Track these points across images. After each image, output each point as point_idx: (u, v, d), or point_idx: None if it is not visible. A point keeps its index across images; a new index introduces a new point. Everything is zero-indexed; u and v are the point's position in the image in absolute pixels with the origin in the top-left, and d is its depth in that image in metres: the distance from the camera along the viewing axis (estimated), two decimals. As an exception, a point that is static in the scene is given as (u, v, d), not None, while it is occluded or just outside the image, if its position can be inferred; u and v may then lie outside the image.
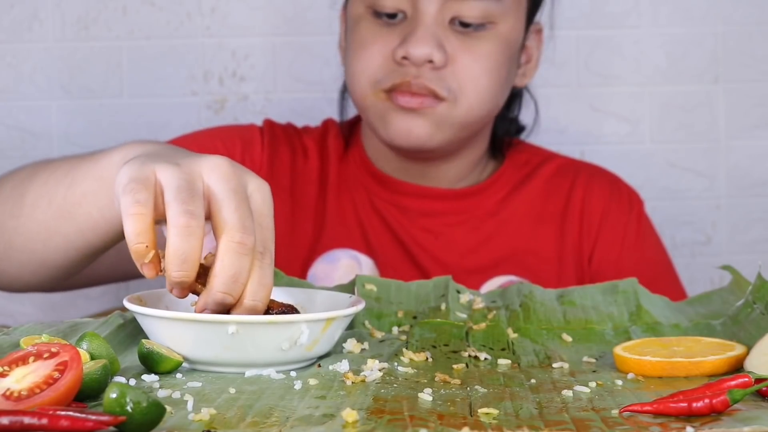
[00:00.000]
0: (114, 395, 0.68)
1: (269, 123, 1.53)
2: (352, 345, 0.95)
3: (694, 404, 0.74)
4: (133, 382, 0.83)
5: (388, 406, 0.77)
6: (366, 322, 1.05)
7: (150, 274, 0.87)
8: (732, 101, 1.84)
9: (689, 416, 0.74)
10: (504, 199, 1.49)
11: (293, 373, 0.87)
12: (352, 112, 1.54)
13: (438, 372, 0.87)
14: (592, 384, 0.84)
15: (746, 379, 0.78)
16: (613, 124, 1.85)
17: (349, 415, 0.73)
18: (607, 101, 1.84)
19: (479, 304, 1.10)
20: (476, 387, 0.83)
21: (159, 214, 0.87)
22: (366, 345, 0.96)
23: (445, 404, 0.78)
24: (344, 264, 1.43)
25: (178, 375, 0.86)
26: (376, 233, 1.46)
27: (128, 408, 0.68)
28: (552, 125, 1.79)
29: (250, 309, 0.87)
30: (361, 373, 0.85)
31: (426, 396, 0.80)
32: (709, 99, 1.84)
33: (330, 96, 1.71)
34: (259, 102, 1.82)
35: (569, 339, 1.02)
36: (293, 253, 1.43)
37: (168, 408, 0.73)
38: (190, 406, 0.76)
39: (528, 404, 0.78)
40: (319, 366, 0.89)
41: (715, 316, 1.07)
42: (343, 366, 0.87)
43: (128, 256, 0.86)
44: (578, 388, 0.83)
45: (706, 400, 0.74)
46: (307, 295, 0.99)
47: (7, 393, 0.72)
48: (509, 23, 1.39)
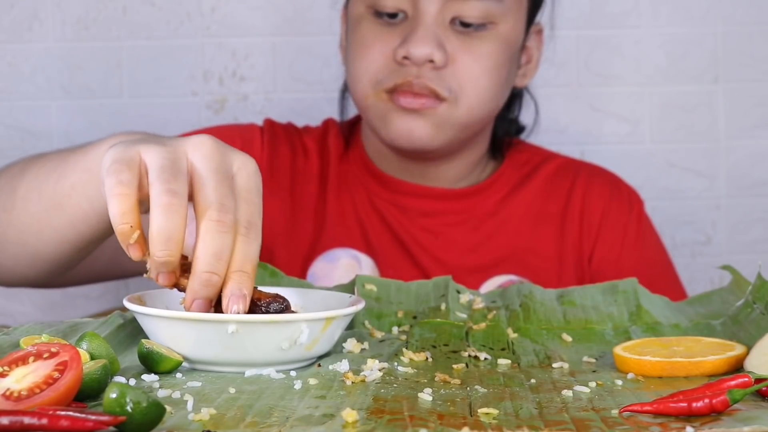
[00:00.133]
0: (114, 395, 0.68)
1: (269, 122, 1.53)
2: (352, 345, 0.94)
3: (694, 404, 0.74)
4: (133, 382, 0.83)
5: (388, 406, 0.77)
6: (366, 322, 1.05)
7: (136, 255, 0.86)
8: (732, 101, 1.84)
9: (689, 416, 0.74)
10: (504, 198, 1.49)
11: (293, 373, 0.87)
12: (352, 112, 1.54)
13: (438, 372, 0.87)
14: (592, 384, 0.84)
15: (746, 379, 0.78)
16: (613, 124, 1.85)
17: (349, 415, 0.73)
18: (607, 101, 1.84)
19: (479, 304, 1.10)
20: (476, 387, 0.83)
21: (144, 194, 0.87)
22: (366, 345, 0.96)
23: (445, 404, 0.78)
24: (344, 263, 1.43)
25: (178, 375, 0.86)
26: (376, 233, 1.46)
27: (128, 408, 0.68)
28: (552, 125, 1.79)
29: (237, 280, 0.86)
30: (361, 373, 0.85)
31: (426, 396, 0.80)
32: (709, 99, 1.84)
33: (330, 96, 1.71)
34: (259, 102, 1.82)
35: (569, 339, 1.02)
36: (293, 252, 1.43)
37: (168, 408, 0.73)
38: (190, 406, 0.76)
39: (528, 404, 0.78)
40: (319, 366, 0.89)
41: (715, 316, 1.07)
42: (343, 366, 0.87)
43: (125, 254, 0.86)
44: (578, 388, 0.83)
45: (706, 400, 0.74)
46: (307, 294, 0.99)
47: (7, 393, 0.72)
48: (510, 23, 1.40)
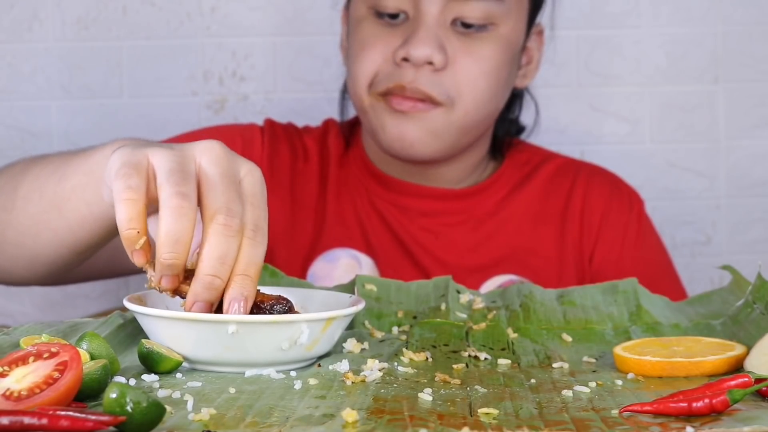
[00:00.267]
0: (114, 395, 0.68)
1: (270, 122, 1.53)
2: (352, 345, 0.94)
3: (694, 404, 0.74)
4: (133, 382, 0.83)
5: (388, 406, 0.77)
6: (366, 322, 1.05)
7: (140, 261, 0.86)
8: (732, 101, 1.84)
9: (689, 416, 0.74)
10: (504, 198, 1.49)
11: (293, 373, 0.87)
12: (352, 112, 1.54)
13: (438, 372, 0.87)
14: (592, 384, 0.84)
15: (746, 379, 0.78)
16: (613, 124, 1.85)
17: (349, 415, 0.73)
18: (607, 101, 1.84)
19: (479, 304, 1.10)
20: (476, 387, 0.83)
21: (151, 198, 0.87)
22: (366, 345, 0.96)
23: (445, 404, 0.78)
24: (344, 263, 1.43)
25: (178, 375, 0.86)
26: (376, 233, 1.46)
27: (128, 408, 0.68)
28: (552, 125, 1.79)
29: (240, 284, 0.86)
30: (361, 373, 0.85)
31: (426, 396, 0.80)
32: (709, 99, 1.84)
33: (330, 96, 1.71)
34: (259, 102, 1.82)
35: (569, 339, 1.02)
36: (293, 252, 1.43)
37: (168, 408, 0.73)
38: (190, 406, 0.76)
39: (528, 404, 0.78)
40: (319, 366, 0.89)
41: (715, 316, 1.07)
42: (343, 366, 0.87)
43: (123, 251, 0.86)
44: (578, 388, 0.83)
45: (706, 400, 0.74)
46: (307, 294, 0.99)
47: (7, 393, 0.72)
48: (510, 24, 1.39)
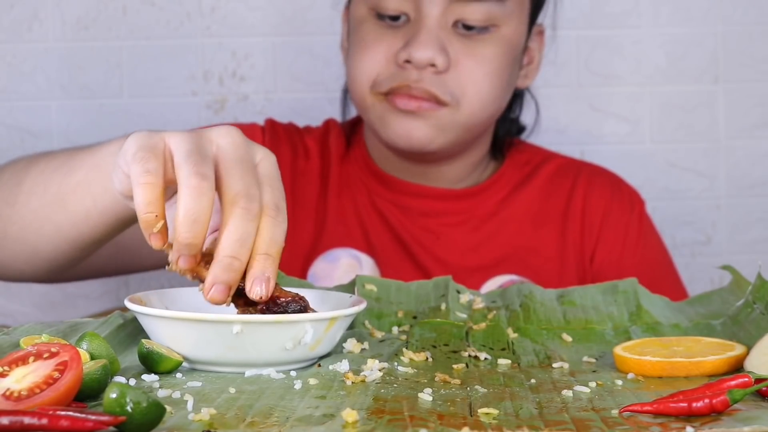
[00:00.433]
0: (114, 395, 0.68)
1: (271, 122, 1.53)
2: (352, 345, 0.94)
3: (694, 404, 0.74)
4: (133, 382, 0.83)
5: (388, 406, 0.77)
6: (366, 322, 1.05)
7: (157, 244, 0.86)
8: (732, 101, 1.84)
9: (689, 416, 0.74)
10: (505, 198, 1.49)
11: (293, 373, 0.87)
12: (353, 112, 1.54)
13: (438, 372, 0.87)
14: (592, 384, 0.84)
15: (746, 379, 0.78)
16: (613, 124, 1.85)
17: (349, 415, 0.73)
18: (607, 101, 1.84)
19: (479, 304, 1.10)
20: (476, 387, 0.83)
21: (168, 180, 0.87)
22: (366, 345, 0.96)
23: (445, 404, 0.78)
24: (345, 263, 1.43)
25: (178, 375, 0.86)
26: (377, 232, 1.46)
27: (128, 408, 0.68)
28: (552, 125, 1.79)
29: (262, 262, 0.86)
30: (361, 373, 0.85)
31: (426, 396, 0.80)
32: (709, 99, 1.84)
33: (330, 96, 1.71)
34: (259, 102, 1.82)
35: (569, 339, 1.02)
36: (294, 252, 1.43)
37: (168, 408, 0.73)
38: (190, 406, 0.76)
39: (528, 404, 0.78)
40: (319, 366, 0.89)
41: (715, 316, 1.07)
42: (343, 366, 0.87)
43: (126, 248, 0.86)
44: (578, 388, 0.83)
45: (706, 400, 0.74)
46: (306, 294, 0.99)
47: (7, 393, 0.72)
48: (512, 26, 1.39)
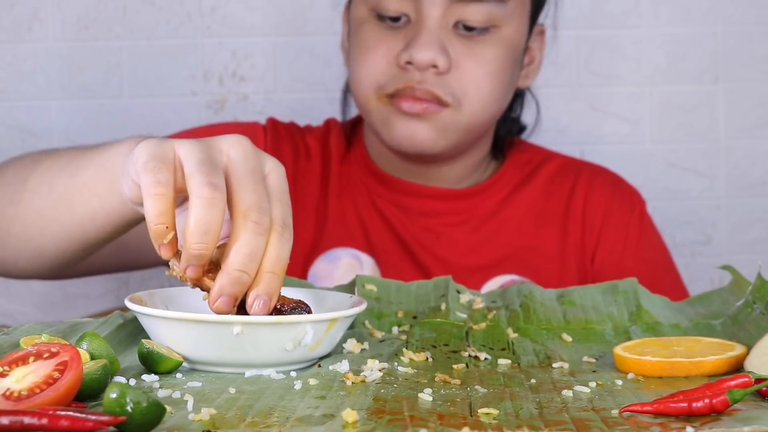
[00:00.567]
0: (114, 395, 0.68)
1: (272, 122, 1.53)
2: (352, 345, 0.94)
3: (694, 404, 0.74)
4: (133, 382, 0.83)
5: (388, 406, 0.77)
6: (366, 322, 1.05)
7: (167, 254, 0.87)
8: (732, 101, 1.84)
9: (689, 416, 0.74)
10: (505, 198, 1.49)
11: (293, 374, 0.87)
12: (353, 112, 1.54)
13: (438, 372, 0.87)
14: (592, 384, 0.84)
15: (746, 379, 0.78)
16: (613, 124, 1.85)
17: (349, 415, 0.73)
18: (607, 101, 1.84)
19: (479, 304, 1.10)
20: (476, 387, 0.83)
21: (178, 189, 0.87)
22: (366, 345, 0.96)
23: (445, 404, 0.78)
24: (345, 263, 1.43)
25: (178, 375, 0.86)
26: (378, 232, 1.46)
27: (128, 408, 0.68)
28: (552, 125, 1.79)
29: (267, 282, 0.86)
30: (361, 373, 0.85)
31: (426, 396, 0.80)
32: (709, 99, 1.84)
33: (331, 96, 1.71)
34: (259, 102, 1.82)
35: (569, 339, 1.02)
36: (294, 252, 1.42)
37: (168, 408, 0.73)
38: (190, 406, 0.76)
39: (528, 404, 0.78)
40: (320, 366, 0.89)
41: (715, 316, 1.07)
42: (343, 366, 0.87)
43: (128, 246, 0.86)
44: (578, 388, 0.83)
45: (706, 400, 0.74)
46: (306, 295, 0.99)
47: (7, 393, 0.72)
48: (513, 26, 1.39)
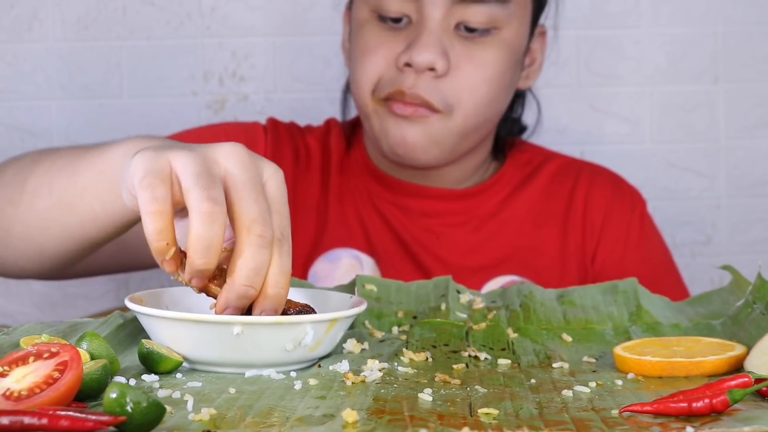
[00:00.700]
0: (114, 395, 0.68)
1: (273, 122, 1.52)
2: (352, 345, 0.94)
3: (694, 404, 0.74)
4: (133, 382, 0.83)
5: (388, 406, 0.77)
6: (366, 322, 1.05)
7: (171, 269, 0.87)
8: (732, 101, 1.84)
9: (689, 416, 0.74)
10: (506, 199, 1.49)
11: (293, 374, 0.87)
12: (354, 112, 1.54)
13: (438, 372, 0.87)
14: (592, 384, 0.84)
15: (746, 379, 0.78)
16: (614, 124, 1.85)
17: (349, 415, 0.73)
18: (607, 101, 1.84)
19: (479, 304, 1.10)
20: (476, 387, 0.83)
21: (175, 203, 0.87)
22: (366, 345, 0.96)
23: (445, 404, 0.78)
24: (345, 263, 1.43)
25: (178, 375, 0.86)
26: (378, 233, 1.46)
27: (128, 408, 0.68)
28: (552, 125, 1.79)
29: (273, 298, 0.87)
30: (361, 374, 0.85)
31: (426, 396, 0.80)
32: (709, 99, 1.84)
33: (331, 96, 1.71)
34: (259, 102, 1.82)
35: (569, 339, 1.02)
36: (295, 252, 1.43)
37: (168, 408, 0.73)
38: (190, 406, 0.76)
39: (528, 404, 0.78)
40: (320, 366, 0.89)
41: (715, 316, 1.07)
42: (343, 366, 0.87)
43: (127, 247, 0.86)
44: (578, 388, 0.83)
45: (706, 400, 0.74)
46: (306, 295, 0.99)
47: (7, 393, 0.72)
48: (514, 28, 1.39)
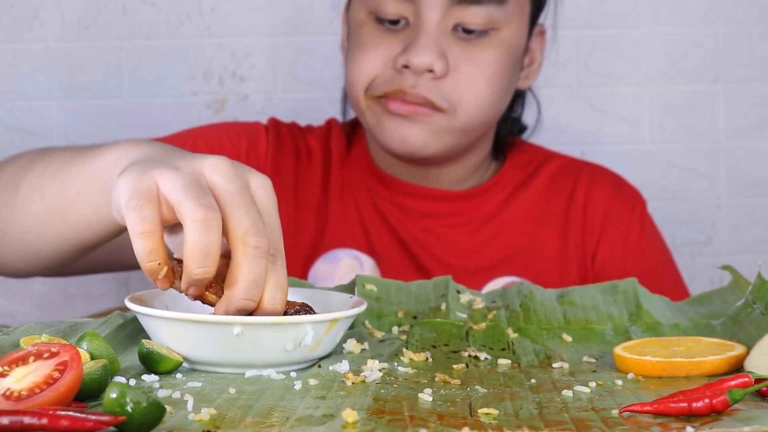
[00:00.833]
0: (114, 395, 0.68)
1: (274, 122, 1.52)
2: (352, 345, 0.94)
3: (694, 404, 0.74)
4: (133, 382, 0.83)
5: (388, 406, 0.77)
6: (366, 322, 1.05)
7: (164, 287, 0.87)
8: (732, 101, 1.84)
9: (689, 416, 0.74)
10: (506, 199, 1.49)
11: (293, 374, 0.87)
12: (353, 112, 1.54)
13: (438, 372, 0.87)
14: (592, 384, 0.84)
15: (746, 379, 0.78)
16: (614, 124, 1.85)
17: (349, 415, 0.73)
18: (607, 101, 1.84)
19: (479, 304, 1.10)
20: (476, 387, 0.83)
21: (164, 221, 0.87)
22: (366, 345, 0.96)
23: (445, 404, 0.78)
24: (346, 264, 1.43)
25: (178, 375, 0.86)
26: (378, 233, 1.46)
27: (128, 408, 0.68)
28: (552, 125, 1.79)
29: (269, 312, 0.87)
30: (361, 374, 0.85)
31: (426, 396, 0.80)
32: (709, 99, 1.84)
33: (331, 96, 1.71)
34: (259, 102, 1.82)
35: (569, 339, 1.02)
36: (295, 253, 1.43)
37: (168, 408, 0.73)
38: (190, 406, 0.76)
39: (528, 404, 0.78)
40: (320, 366, 0.89)
41: (715, 316, 1.07)
42: (343, 366, 0.87)
43: (126, 246, 0.86)
44: (578, 388, 0.83)
45: (706, 400, 0.74)
46: (306, 295, 0.99)
47: (7, 393, 0.72)
48: (512, 28, 1.38)
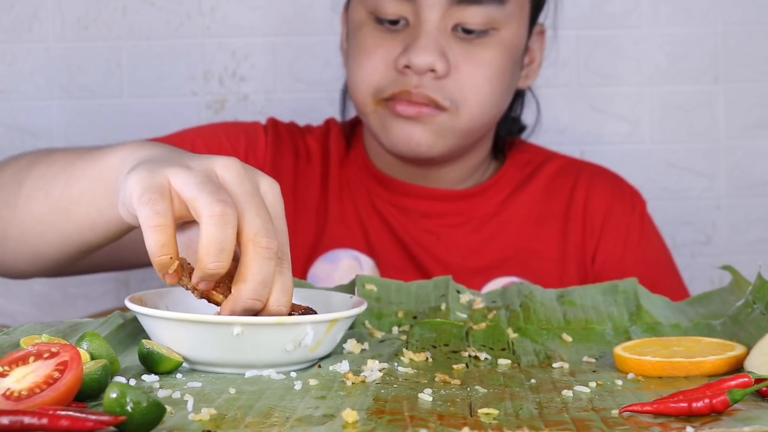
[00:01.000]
0: (114, 395, 0.68)
1: (273, 122, 1.52)
2: (352, 345, 0.94)
3: (694, 404, 0.74)
4: (133, 382, 0.83)
5: (388, 406, 0.77)
6: (366, 322, 1.05)
7: (172, 281, 0.87)
8: (732, 101, 1.84)
9: (689, 416, 0.74)
10: (506, 199, 1.49)
11: (293, 374, 0.87)
12: (353, 112, 1.54)
13: (438, 372, 0.87)
14: (592, 384, 0.84)
15: (746, 379, 0.78)
16: (614, 124, 1.85)
17: (349, 415, 0.73)
18: (607, 101, 1.84)
19: (479, 304, 1.10)
20: (476, 387, 0.83)
21: (176, 217, 0.87)
22: (366, 345, 0.96)
23: (445, 404, 0.78)
24: (345, 264, 1.43)
25: (178, 375, 0.86)
26: (377, 234, 1.46)
27: (128, 408, 0.68)
28: (552, 125, 1.79)
29: (275, 315, 0.87)
30: (361, 374, 0.85)
31: (426, 396, 0.80)
32: (709, 99, 1.84)
33: (331, 96, 1.71)
34: (259, 102, 1.82)
35: (569, 339, 1.02)
36: (295, 253, 1.43)
37: (168, 408, 0.73)
38: (190, 406, 0.76)
39: (528, 404, 0.78)
40: (320, 366, 0.89)
41: (715, 316, 1.07)
42: (343, 366, 0.87)
43: (128, 246, 0.86)
44: (578, 388, 0.83)
45: (706, 400, 0.74)
46: (307, 295, 0.99)
47: (7, 393, 0.72)
48: (512, 28, 1.38)
